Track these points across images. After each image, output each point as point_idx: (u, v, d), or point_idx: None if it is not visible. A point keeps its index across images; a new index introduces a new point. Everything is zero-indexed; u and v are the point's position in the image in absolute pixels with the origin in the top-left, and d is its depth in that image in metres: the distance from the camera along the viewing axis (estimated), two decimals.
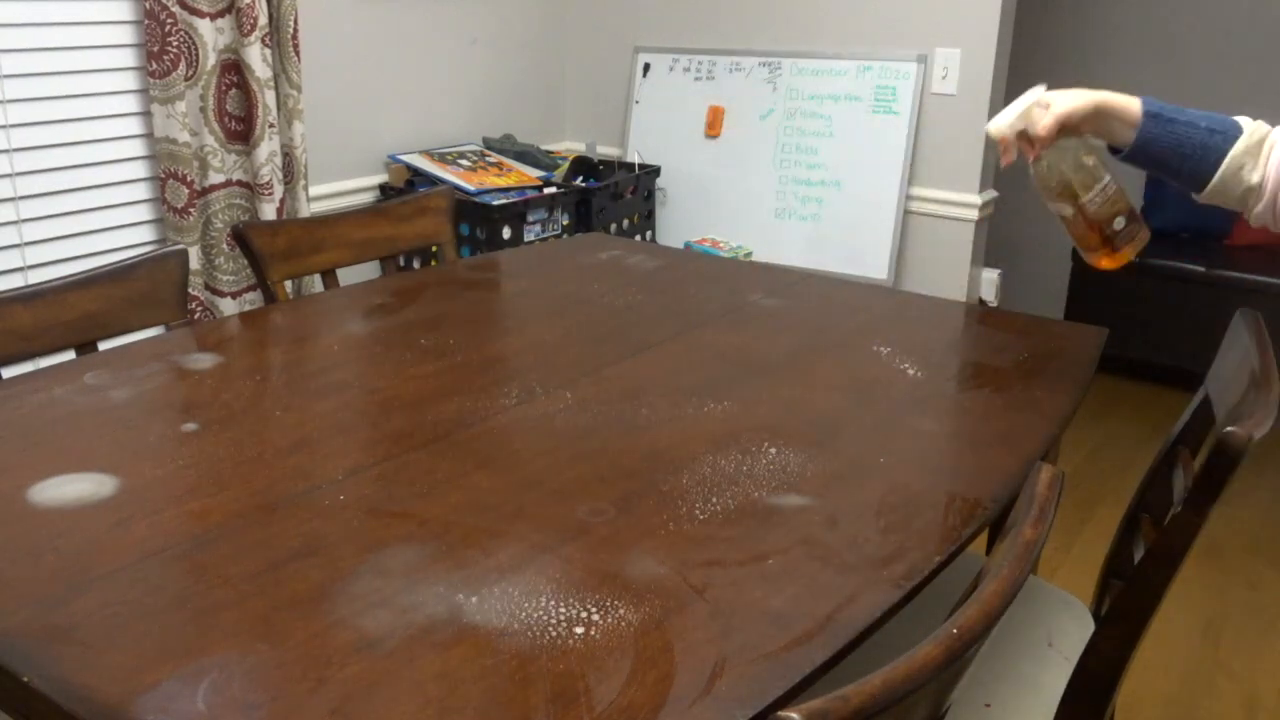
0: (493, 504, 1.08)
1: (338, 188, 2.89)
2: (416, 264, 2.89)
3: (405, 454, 1.19)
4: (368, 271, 2.74)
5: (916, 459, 1.22)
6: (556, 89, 3.62)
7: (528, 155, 3.22)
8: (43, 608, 0.89)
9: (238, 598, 0.91)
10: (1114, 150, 1.40)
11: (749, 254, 3.25)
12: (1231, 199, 1.34)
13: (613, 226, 3.17)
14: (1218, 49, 3.93)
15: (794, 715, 0.63)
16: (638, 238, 3.30)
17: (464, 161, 3.06)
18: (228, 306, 2.55)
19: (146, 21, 2.30)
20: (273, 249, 1.82)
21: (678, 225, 3.45)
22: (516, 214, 2.83)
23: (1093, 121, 1.38)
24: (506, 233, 2.82)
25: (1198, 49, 3.96)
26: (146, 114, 2.41)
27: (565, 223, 3.00)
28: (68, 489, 1.09)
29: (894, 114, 3.02)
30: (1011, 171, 4.80)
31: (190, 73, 2.39)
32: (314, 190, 2.78)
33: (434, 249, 2.15)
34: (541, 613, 0.90)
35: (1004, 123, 1.40)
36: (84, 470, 1.13)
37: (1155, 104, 1.35)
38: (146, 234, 2.48)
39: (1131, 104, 1.36)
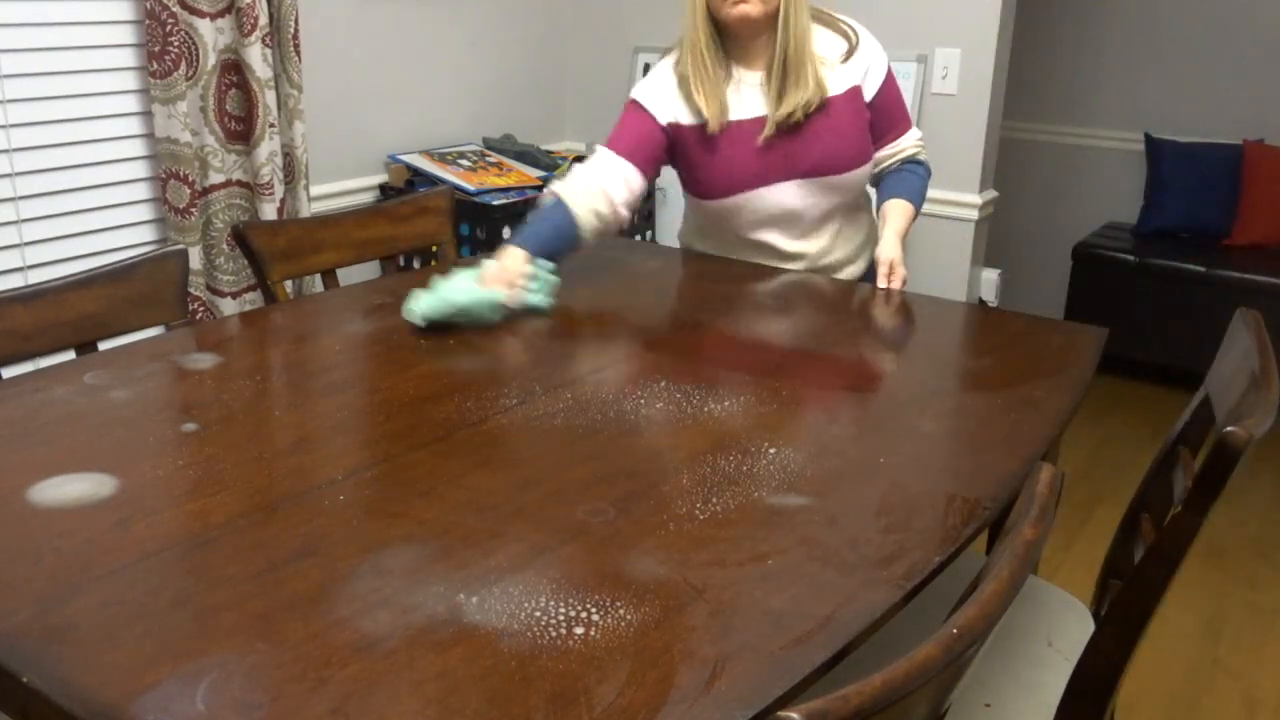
0: (493, 504, 1.08)
1: (338, 188, 2.89)
2: (416, 264, 2.89)
3: (405, 454, 1.19)
4: (368, 271, 2.74)
5: (916, 459, 1.22)
6: (556, 89, 3.62)
7: (528, 155, 3.22)
8: (43, 608, 0.89)
9: (238, 598, 0.91)
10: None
11: None
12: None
13: None
14: (1217, 49, 3.93)
15: (794, 715, 0.63)
16: (638, 238, 3.30)
17: (464, 161, 3.06)
18: (228, 306, 2.55)
19: (147, 21, 2.30)
20: (273, 249, 1.82)
21: (678, 225, 3.44)
22: (516, 214, 2.83)
23: None
24: (506, 233, 2.82)
25: (1197, 49, 3.96)
26: (147, 114, 2.41)
27: None
28: (68, 489, 1.09)
29: None
30: (1012, 171, 4.80)
31: (191, 73, 2.39)
32: (314, 190, 2.78)
33: (434, 249, 2.15)
34: (541, 613, 0.90)
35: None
36: (84, 470, 1.13)
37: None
38: (147, 234, 2.49)
39: None
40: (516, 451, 1.20)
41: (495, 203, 2.80)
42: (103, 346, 1.56)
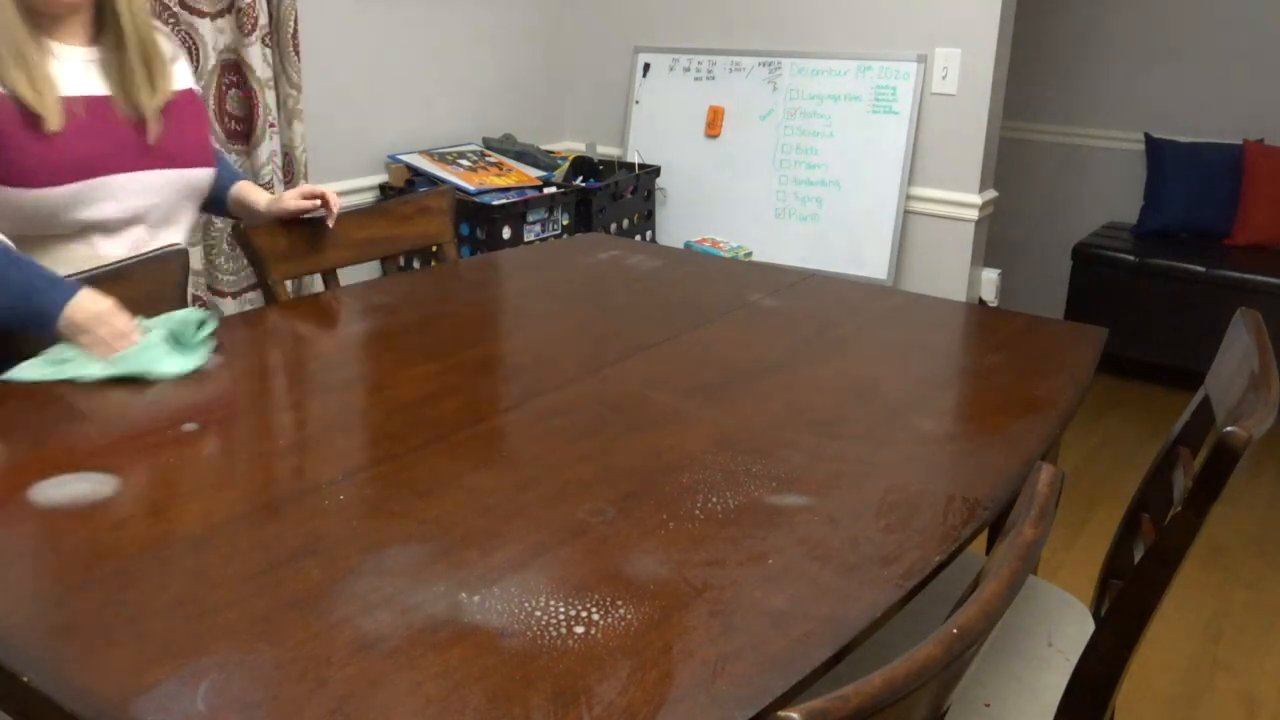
0: (493, 504, 1.08)
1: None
2: (416, 264, 2.89)
3: (405, 454, 1.19)
4: (368, 271, 2.74)
5: (916, 459, 1.22)
6: (556, 89, 3.62)
7: (528, 155, 3.22)
8: (43, 608, 0.89)
9: (238, 598, 0.91)
10: None
11: (749, 254, 3.25)
12: None
13: (613, 226, 3.17)
14: (1217, 49, 3.93)
15: (794, 715, 0.63)
16: (638, 238, 3.30)
17: (464, 161, 3.06)
18: (228, 306, 2.55)
19: None
20: (273, 249, 1.82)
21: (678, 225, 3.44)
22: (516, 214, 2.83)
23: None
24: (506, 233, 2.82)
25: (1197, 49, 3.96)
26: None
27: (565, 223, 3.00)
28: (68, 489, 1.09)
29: (894, 114, 3.02)
30: (1011, 171, 4.80)
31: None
32: None
33: (434, 249, 2.15)
34: (541, 613, 0.90)
35: None
36: (84, 470, 1.13)
37: None
38: None
39: None
40: (516, 451, 1.20)
41: (495, 203, 2.80)
42: None
